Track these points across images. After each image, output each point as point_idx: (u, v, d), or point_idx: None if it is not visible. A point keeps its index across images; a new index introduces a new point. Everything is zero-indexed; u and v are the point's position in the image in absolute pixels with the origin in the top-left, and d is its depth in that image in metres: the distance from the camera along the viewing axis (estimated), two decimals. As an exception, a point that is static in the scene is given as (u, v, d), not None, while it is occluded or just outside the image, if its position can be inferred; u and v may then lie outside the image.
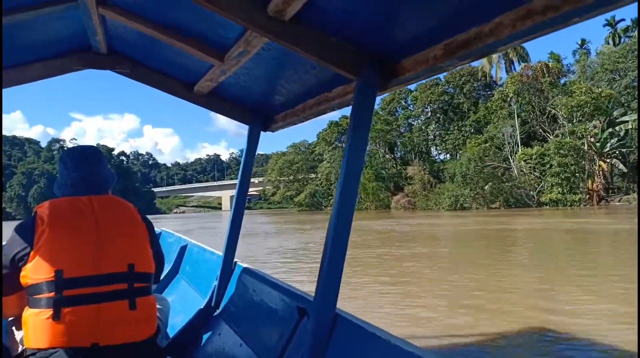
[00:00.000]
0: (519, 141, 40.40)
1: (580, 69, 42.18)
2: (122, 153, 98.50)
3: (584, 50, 47.28)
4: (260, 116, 2.29)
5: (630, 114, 35.85)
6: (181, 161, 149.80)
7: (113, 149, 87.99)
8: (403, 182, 51.66)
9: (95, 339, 1.38)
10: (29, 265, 1.40)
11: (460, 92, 50.85)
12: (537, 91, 39.71)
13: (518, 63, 47.37)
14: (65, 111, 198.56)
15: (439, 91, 51.42)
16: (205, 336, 2.27)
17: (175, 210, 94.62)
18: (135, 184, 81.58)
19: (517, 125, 40.51)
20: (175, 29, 1.78)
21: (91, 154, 1.65)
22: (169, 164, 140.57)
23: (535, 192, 37.83)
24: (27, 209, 68.62)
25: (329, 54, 1.37)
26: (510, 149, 40.41)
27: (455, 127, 50.80)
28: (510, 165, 39.88)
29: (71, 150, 1.68)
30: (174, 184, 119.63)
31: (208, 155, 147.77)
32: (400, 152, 56.59)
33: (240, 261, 2.42)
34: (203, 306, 2.40)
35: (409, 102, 56.19)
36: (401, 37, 1.28)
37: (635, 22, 43.46)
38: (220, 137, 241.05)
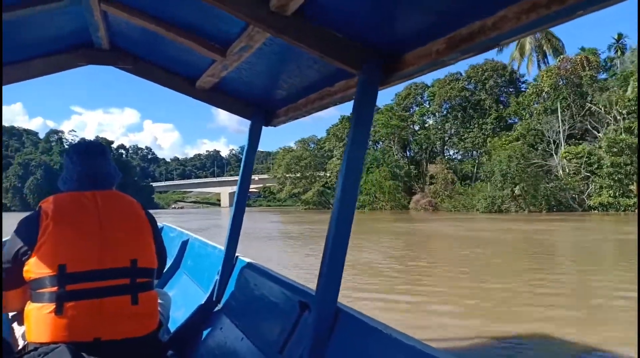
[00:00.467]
0: (562, 138, 36.77)
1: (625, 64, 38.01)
2: (122, 146, 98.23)
3: (620, 44, 41.75)
4: (262, 110, 2.29)
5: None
6: (180, 156, 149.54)
7: (112, 142, 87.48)
8: (418, 182, 48.78)
9: (97, 334, 1.39)
10: (32, 259, 1.40)
11: (482, 88, 47.08)
12: (575, 85, 36.32)
13: (552, 56, 43.86)
14: (65, 104, 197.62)
15: (459, 86, 47.55)
16: (207, 330, 2.28)
17: (173, 205, 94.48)
18: (134, 178, 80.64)
19: (560, 121, 36.69)
20: (177, 25, 1.78)
21: (97, 149, 1.66)
22: (168, 159, 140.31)
23: (585, 195, 33.94)
24: (23, 201, 67.50)
25: (331, 48, 1.37)
26: (548, 147, 36.96)
27: (475, 125, 47.12)
28: (552, 164, 36.00)
29: (77, 145, 1.70)
30: (172, 179, 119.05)
31: (208, 151, 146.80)
32: (413, 150, 52.88)
33: (241, 256, 2.43)
34: (204, 300, 2.41)
35: (425, 98, 52.62)
36: (403, 32, 1.28)
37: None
38: (220, 133, 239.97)
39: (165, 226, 4.37)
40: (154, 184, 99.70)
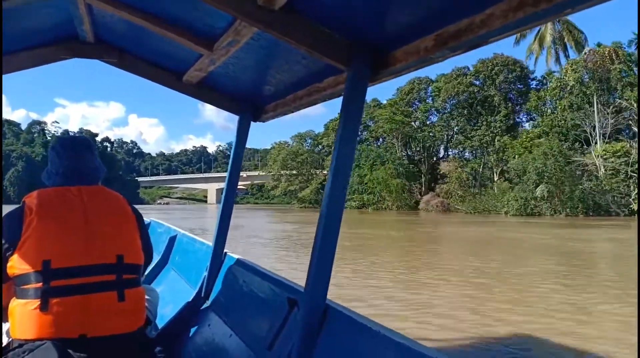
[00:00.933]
0: (599, 135, 33.25)
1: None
2: (106, 139, 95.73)
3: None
4: (250, 106, 2.27)
5: None
6: (166, 152, 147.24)
7: (97, 135, 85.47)
8: (426, 181, 46.09)
9: (83, 330, 1.38)
10: (16, 255, 1.39)
11: (491, 84, 44.34)
12: (602, 80, 33.31)
13: (573, 49, 41.06)
14: (49, 96, 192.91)
15: (466, 81, 44.75)
16: (195, 327, 2.27)
17: (159, 201, 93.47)
18: (118, 172, 79.35)
19: (597, 116, 33.11)
20: (163, 18, 1.75)
21: (83, 143, 1.65)
22: (153, 154, 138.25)
23: (631, 198, 30.20)
24: (3, 193, 66.39)
25: (320, 44, 1.36)
26: (573, 145, 34.05)
27: (483, 123, 44.27)
28: (588, 163, 32.36)
29: (63, 139, 1.68)
30: (158, 174, 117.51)
31: (194, 146, 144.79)
32: (415, 148, 50.13)
33: (230, 252, 2.42)
34: (193, 297, 2.40)
35: (429, 93, 49.80)
36: (392, 28, 1.28)
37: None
38: (206, 129, 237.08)
39: (152, 222, 4.34)
40: (140, 179, 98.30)
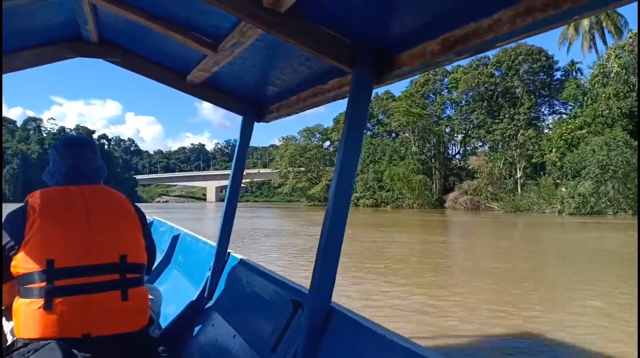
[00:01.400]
0: None
1: None
2: (104, 136, 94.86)
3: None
4: (253, 106, 2.27)
5: None
6: (163, 150, 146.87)
7: (94, 132, 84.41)
8: (448, 177, 43.48)
9: (87, 330, 1.39)
10: (20, 254, 1.39)
11: (514, 75, 41.53)
12: None
13: (612, 35, 38.41)
14: (46, 94, 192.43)
15: (487, 72, 42.16)
16: (198, 327, 2.27)
17: (157, 199, 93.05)
18: (116, 170, 78.61)
19: None
20: (168, 19, 1.75)
21: (85, 142, 1.66)
22: (151, 152, 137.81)
23: None
24: (-2, 191, 66.11)
25: (325, 46, 1.36)
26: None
27: (506, 115, 41.63)
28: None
29: (65, 138, 1.69)
30: (156, 172, 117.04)
31: (192, 144, 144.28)
32: (431, 141, 47.20)
33: (233, 252, 2.42)
34: (196, 296, 2.40)
35: (446, 84, 47.25)
36: (397, 31, 1.27)
37: None
38: (203, 127, 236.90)
39: (155, 221, 4.34)
40: (138, 177, 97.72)
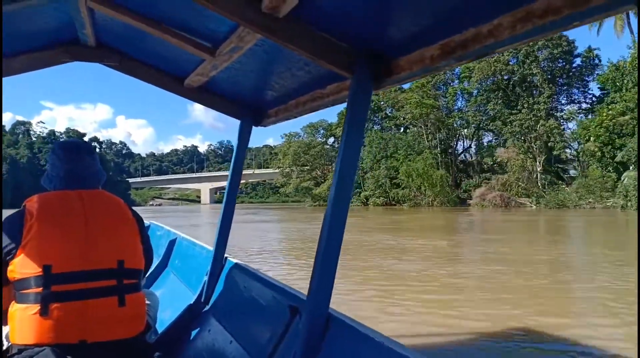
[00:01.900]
0: None
1: None
2: (95, 139, 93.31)
3: None
4: (251, 111, 2.27)
5: None
6: (156, 152, 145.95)
7: (84, 135, 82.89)
8: (466, 171, 40.86)
9: (83, 336, 1.37)
10: (17, 259, 1.38)
11: (533, 61, 38.76)
12: None
13: None
14: (35, 98, 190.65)
15: (504, 59, 39.26)
16: (195, 332, 2.25)
17: (151, 202, 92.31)
18: (109, 173, 78.39)
19: None
20: (166, 23, 1.74)
21: (84, 147, 1.66)
22: (143, 155, 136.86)
23: None
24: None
25: (324, 51, 1.35)
26: None
27: (524, 105, 38.92)
28: None
29: (64, 142, 1.68)
30: (149, 175, 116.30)
31: (185, 146, 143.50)
32: (442, 134, 44.88)
33: (230, 257, 2.41)
34: (193, 301, 2.38)
35: (457, 73, 44.73)
36: (397, 36, 1.27)
37: None
38: (195, 129, 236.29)
39: (152, 225, 4.32)
40: (130, 180, 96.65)
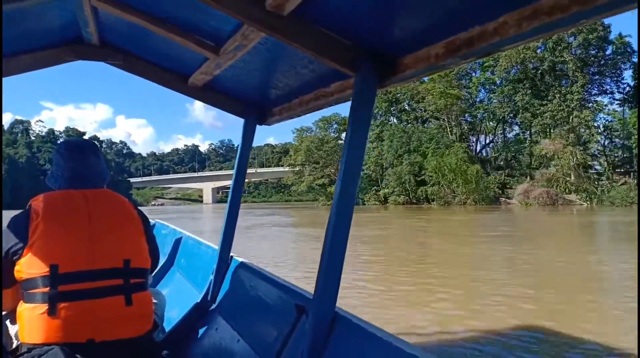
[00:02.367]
0: None
1: None
2: (95, 138, 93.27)
3: None
4: (256, 109, 2.26)
5: None
6: (156, 152, 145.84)
7: (84, 134, 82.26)
8: (504, 167, 37.86)
9: (91, 335, 1.38)
10: (23, 259, 1.39)
11: (565, 48, 36.09)
12: None
13: None
14: (35, 99, 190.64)
15: (533, 46, 36.48)
16: (202, 330, 2.26)
17: (153, 202, 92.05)
18: (109, 172, 78.48)
19: None
20: (169, 22, 1.74)
21: (89, 147, 1.66)
22: (144, 154, 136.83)
23: None
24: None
25: (328, 50, 1.35)
26: None
27: (556, 95, 36.40)
28: None
29: (68, 142, 1.69)
30: (150, 174, 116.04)
31: (186, 146, 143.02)
32: (466, 127, 43.01)
33: (236, 256, 2.41)
34: (199, 300, 2.39)
35: (479, 62, 41.90)
36: (401, 35, 1.26)
37: None
38: (195, 129, 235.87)
39: (157, 223, 4.32)
40: (131, 180, 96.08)
